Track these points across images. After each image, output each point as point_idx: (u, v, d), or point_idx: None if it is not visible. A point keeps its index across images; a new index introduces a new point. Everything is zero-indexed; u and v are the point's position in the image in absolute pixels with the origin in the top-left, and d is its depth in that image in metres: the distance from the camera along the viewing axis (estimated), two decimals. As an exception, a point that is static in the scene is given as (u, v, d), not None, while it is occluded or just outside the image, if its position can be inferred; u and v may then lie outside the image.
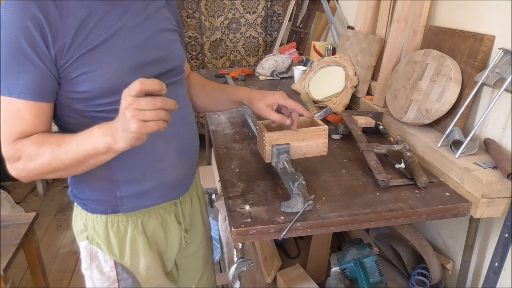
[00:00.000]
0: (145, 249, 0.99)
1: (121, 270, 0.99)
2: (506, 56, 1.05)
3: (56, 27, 0.76)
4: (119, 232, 0.97)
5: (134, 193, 0.95)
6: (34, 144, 0.78)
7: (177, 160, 0.98)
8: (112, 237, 0.97)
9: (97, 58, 0.81)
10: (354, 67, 1.75)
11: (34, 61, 0.76)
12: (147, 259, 1.00)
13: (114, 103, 0.82)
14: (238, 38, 3.49)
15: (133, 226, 0.97)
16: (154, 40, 0.90)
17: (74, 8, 0.79)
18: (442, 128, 1.23)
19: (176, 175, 0.99)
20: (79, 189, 0.97)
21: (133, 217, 0.97)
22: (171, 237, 1.05)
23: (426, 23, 1.41)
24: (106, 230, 0.96)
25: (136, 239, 0.98)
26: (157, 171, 0.95)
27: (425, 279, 1.29)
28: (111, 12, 0.83)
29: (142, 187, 0.95)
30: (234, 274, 1.04)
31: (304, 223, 0.94)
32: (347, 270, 1.31)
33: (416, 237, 1.32)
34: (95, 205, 0.95)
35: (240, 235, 0.92)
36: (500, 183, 0.98)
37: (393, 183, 1.08)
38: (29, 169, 0.79)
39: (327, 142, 1.07)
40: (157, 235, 1.02)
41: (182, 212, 1.06)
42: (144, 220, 0.99)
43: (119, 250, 0.98)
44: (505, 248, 1.02)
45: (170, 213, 1.03)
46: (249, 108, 1.61)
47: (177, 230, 1.05)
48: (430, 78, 1.23)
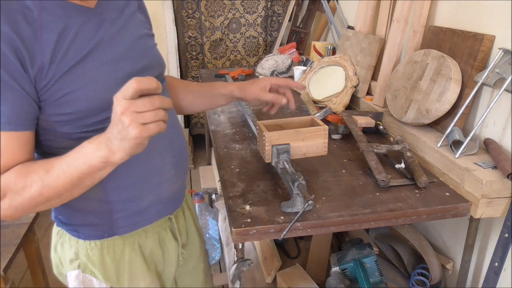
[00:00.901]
0: (143, 271, 0.94)
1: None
2: (506, 56, 1.05)
3: (32, 46, 0.68)
4: (116, 256, 0.91)
5: (130, 212, 0.89)
6: (18, 177, 0.69)
7: (174, 172, 0.94)
8: (109, 262, 0.90)
9: (82, 74, 0.74)
10: (354, 67, 1.75)
11: (12, 87, 0.67)
12: (146, 282, 0.95)
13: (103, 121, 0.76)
14: (238, 38, 3.49)
15: (130, 249, 0.92)
16: (136, 49, 0.85)
17: (47, 23, 0.71)
18: (442, 128, 1.23)
19: (172, 188, 0.95)
20: (68, 215, 0.89)
21: (130, 239, 0.91)
22: (169, 255, 1.00)
23: (426, 23, 1.41)
24: (101, 256, 0.89)
25: (134, 262, 0.93)
26: (154, 186, 0.90)
27: (425, 279, 1.29)
28: (88, 23, 0.76)
29: (139, 205, 0.89)
30: (234, 274, 1.04)
31: (304, 223, 0.94)
32: (347, 270, 1.31)
33: (416, 237, 1.32)
34: (89, 231, 0.88)
35: (240, 235, 0.92)
36: (500, 183, 0.98)
37: (393, 183, 1.08)
38: (16, 205, 0.70)
39: (327, 142, 1.06)
40: (155, 255, 0.97)
41: (178, 227, 1.02)
42: (141, 241, 0.93)
43: (116, 275, 0.91)
44: (505, 248, 1.02)
45: (166, 229, 0.98)
46: (249, 108, 1.62)
47: (174, 247, 1.01)
48: (430, 78, 1.23)
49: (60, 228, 0.92)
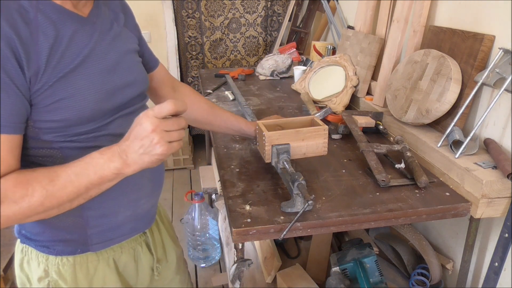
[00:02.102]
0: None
1: None
2: (506, 56, 1.05)
3: (29, 47, 0.67)
4: (89, 272, 0.87)
5: (105, 228, 0.86)
6: (18, 185, 0.66)
7: (150, 189, 0.92)
8: (81, 279, 0.86)
9: (74, 82, 0.73)
10: (354, 67, 1.75)
11: (9, 87, 0.65)
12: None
13: (89, 132, 0.77)
14: (238, 38, 3.49)
15: (105, 264, 0.89)
16: (123, 63, 0.84)
17: (43, 26, 0.70)
18: (442, 128, 1.23)
19: (148, 204, 0.94)
20: (36, 230, 0.84)
21: (104, 254, 0.88)
22: (142, 270, 0.98)
23: (426, 23, 1.41)
24: (74, 272, 0.86)
25: (108, 279, 0.90)
26: (131, 201, 0.88)
27: (425, 279, 1.29)
28: (81, 31, 0.76)
29: (115, 220, 0.87)
30: (234, 274, 1.04)
31: (304, 223, 0.94)
32: (347, 270, 1.31)
33: (416, 237, 1.32)
34: (61, 246, 0.85)
35: (240, 235, 0.92)
36: (500, 183, 0.98)
37: (393, 183, 1.08)
38: (9, 214, 0.66)
39: (327, 142, 1.06)
40: (128, 270, 0.95)
41: (153, 241, 1.00)
42: (116, 257, 0.91)
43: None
44: (505, 248, 1.02)
45: (142, 244, 0.96)
46: (249, 108, 1.62)
47: (148, 261, 0.98)
48: (430, 78, 1.23)
49: (25, 245, 0.88)
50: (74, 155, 0.74)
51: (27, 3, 0.69)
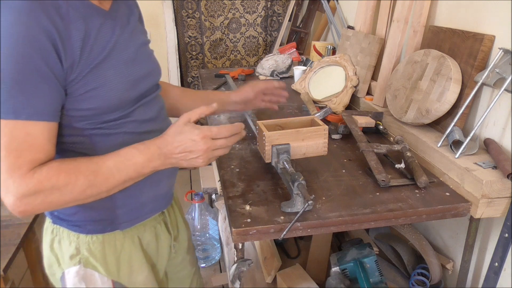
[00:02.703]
0: (141, 264, 0.97)
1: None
2: (506, 56, 1.05)
3: (65, 41, 0.71)
4: (117, 250, 0.93)
5: (131, 208, 0.93)
6: (61, 173, 0.72)
7: (170, 170, 0.97)
8: (110, 256, 0.92)
9: (103, 73, 0.78)
10: (354, 67, 1.75)
11: (48, 77, 0.69)
12: (144, 274, 0.98)
13: (117, 119, 0.84)
14: (238, 38, 3.49)
15: (130, 242, 0.95)
16: (142, 54, 0.91)
17: (74, 20, 0.73)
18: (442, 128, 1.23)
19: (167, 185, 1.01)
20: (70, 211, 0.89)
21: (130, 232, 0.95)
22: (162, 247, 1.04)
23: (426, 23, 1.41)
24: (103, 249, 0.91)
25: (133, 255, 0.96)
26: (154, 182, 0.94)
27: (425, 279, 1.29)
28: (105, 25, 0.80)
29: (139, 200, 0.94)
30: (234, 274, 1.04)
31: (304, 223, 0.94)
32: (347, 270, 1.31)
33: (416, 237, 1.32)
34: (92, 226, 0.91)
35: (240, 235, 0.92)
36: (500, 183, 0.98)
37: (393, 183, 1.08)
38: (53, 200, 0.72)
39: (327, 142, 1.06)
40: (151, 248, 1.01)
41: (170, 220, 1.07)
42: (140, 234, 0.97)
43: (117, 268, 0.94)
44: (505, 248, 1.02)
45: (161, 222, 1.03)
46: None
47: (167, 239, 1.06)
48: (430, 78, 1.23)
49: (56, 226, 0.92)
50: (101, 141, 0.82)
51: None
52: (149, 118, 0.92)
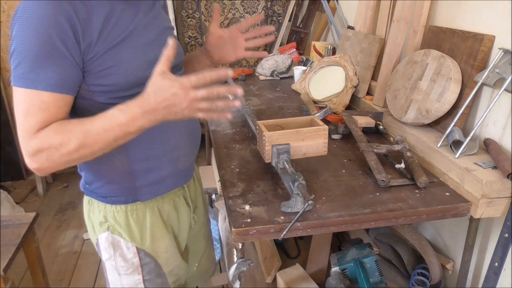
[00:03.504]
0: (163, 233, 1.05)
1: (143, 255, 1.04)
2: (506, 56, 1.05)
3: (85, 24, 0.80)
4: (139, 219, 1.02)
5: (151, 181, 1.00)
6: (57, 133, 0.78)
7: (189, 149, 1.06)
8: (133, 225, 1.02)
9: (120, 53, 0.85)
10: (354, 67, 1.75)
11: (64, 55, 0.78)
12: (165, 242, 1.06)
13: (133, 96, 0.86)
14: (238, 38, 3.49)
15: (151, 212, 1.03)
16: (162, 37, 0.93)
17: (96, 6, 0.82)
18: (442, 128, 1.23)
19: (187, 162, 1.07)
20: (97, 184, 1.00)
21: (150, 204, 1.03)
22: (183, 219, 1.12)
23: (426, 23, 1.41)
24: (126, 218, 1.01)
25: (155, 224, 1.04)
26: (172, 160, 1.01)
27: (425, 279, 1.29)
28: (126, 11, 0.87)
29: (158, 175, 1.00)
30: (234, 274, 1.04)
31: (304, 223, 0.94)
32: (347, 270, 1.31)
33: (416, 237, 1.32)
34: (116, 197, 1.00)
35: (240, 235, 0.92)
36: (500, 183, 0.98)
37: (393, 183, 1.08)
38: (53, 159, 0.79)
39: (327, 142, 1.06)
40: (172, 219, 1.08)
41: (190, 195, 1.13)
42: (159, 206, 1.04)
43: (140, 236, 1.03)
44: (505, 248, 1.02)
45: (180, 196, 1.10)
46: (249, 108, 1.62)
47: (187, 212, 1.12)
48: (430, 78, 1.23)
49: (89, 197, 1.04)
50: None
51: None
52: None
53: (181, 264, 1.14)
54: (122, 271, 1.05)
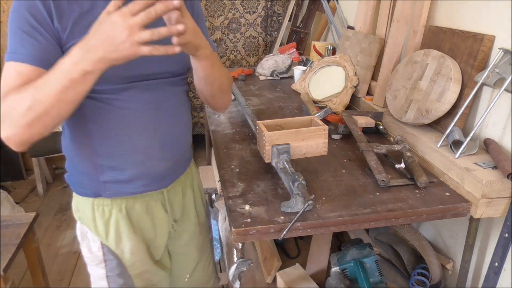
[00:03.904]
0: (129, 233, 1.01)
1: (107, 251, 1.01)
2: (506, 56, 1.05)
3: (63, 10, 0.82)
4: (104, 215, 0.99)
5: (116, 179, 0.97)
6: (16, 93, 0.77)
7: (160, 155, 0.99)
8: (98, 219, 0.99)
9: None
10: (354, 67, 1.75)
11: (40, 31, 0.80)
12: (131, 243, 1.02)
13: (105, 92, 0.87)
14: (238, 38, 3.49)
15: (117, 211, 0.99)
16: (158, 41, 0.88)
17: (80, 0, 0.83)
18: (442, 128, 1.23)
19: (158, 167, 1.00)
20: (71, 172, 1.01)
21: (118, 201, 0.99)
22: (159, 225, 1.06)
23: (426, 23, 1.41)
24: (92, 212, 0.99)
25: (120, 224, 1.00)
26: (138, 162, 0.96)
27: (425, 279, 1.29)
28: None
29: (123, 175, 0.96)
30: (234, 274, 1.04)
31: (304, 223, 0.94)
32: (347, 270, 1.31)
33: (416, 237, 1.32)
34: (82, 188, 0.99)
35: (240, 235, 0.92)
36: (500, 183, 0.98)
37: (393, 183, 1.08)
38: (14, 121, 0.76)
39: (327, 142, 1.07)
40: (143, 222, 1.03)
41: (170, 202, 1.07)
42: (128, 205, 1.00)
43: (105, 232, 1.00)
44: (505, 248, 1.02)
45: (157, 201, 1.04)
46: (249, 108, 1.62)
47: (164, 218, 1.06)
48: (430, 78, 1.23)
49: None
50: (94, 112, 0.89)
51: None
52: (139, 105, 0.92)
53: (154, 270, 1.08)
54: (89, 261, 1.05)
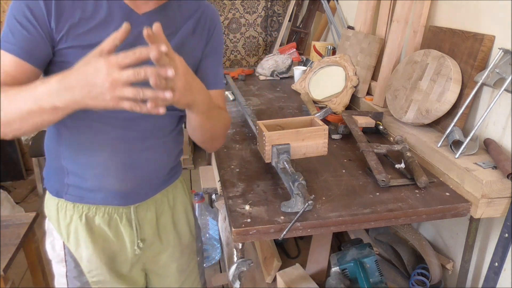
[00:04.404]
0: (87, 242, 0.98)
1: (67, 252, 1.00)
2: (506, 56, 1.05)
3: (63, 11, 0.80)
4: (66, 218, 0.98)
5: (78, 185, 0.95)
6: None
7: (121, 175, 0.94)
8: (61, 220, 0.98)
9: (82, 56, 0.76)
10: (354, 67, 1.75)
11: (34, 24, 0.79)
12: (88, 252, 0.99)
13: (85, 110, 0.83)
14: (238, 38, 3.49)
15: (77, 217, 0.97)
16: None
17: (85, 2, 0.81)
18: (442, 128, 1.23)
19: (119, 186, 0.95)
20: (46, 166, 1.00)
21: (79, 208, 0.97)
22: (123, 241, 1.01)
23: (426, 23, 1.41)
24: (56, 212, 0.98)
25: (79, 230, 0.98)
26: (97, 176, 0.93)
27: (425, 279, 1.29)
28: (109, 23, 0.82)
29: (85, 183, 0.94)
30: (234, 274, 1.04)
31: (304, 223, 0.94)
32: (347, 270, 1.31)
33: (416, 237, 1.32)
34: (49, 185, 0.99)
35: (240, 235, 0.92)
36: (500, 183, 0.98)
37: (393, 183, 1.08)
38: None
39: (327, 142, 1.07)
40: (104, 233, 0.99)
41: (139, 220, 1.01)
42: (89, 215, 0.97)
43: (66, 234, 0.99)
44: (505, 248, 1.02)
45: (122, 216, 0.99)
46: (249, 108, 1.62)
47: (129, 235, 1.01)
48: (430, 78, 1.23)
49: None
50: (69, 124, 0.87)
51: None
52: (110, 123, 0.89)
53: (116, 283, 1.03)
54: (52, 258, 1.03)
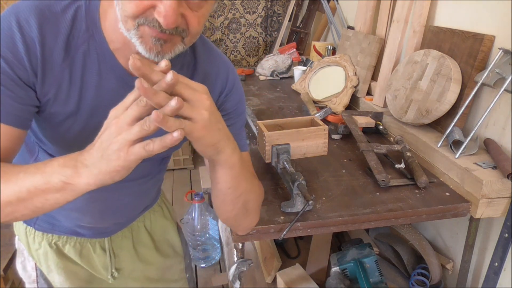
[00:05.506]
0: (58, 269, 0.95)
1: (40, 274, 0.97)
2: (506, 56, 1.05)
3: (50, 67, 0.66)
4: (35, 244, 0.94)
5: (48, 216, 0.89)
6: None
7: (98, 216, 0.90)
8: (31, 244, 0.94)
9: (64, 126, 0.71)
10: (354, 67, 1.75)
11: (19, 85, 0.64)
12: (60, 278, 0.96)
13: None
14: (238, 38, 3.49)
15: (47, 244, 0.93)
16: None
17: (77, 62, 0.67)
18: (442, 128, 1.23)
19: (95, 225, 0.93)
20: None
21: (48, 236, 0.93)
22: (97, 268, 0.99)
23: (426, 23, 1.41)
24: (25, 236, 0.95)
25: (49, 257, 0.94)
26: (72, 218, 0.90)
27: (425, 279, 1.29)
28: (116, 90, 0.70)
29: (57, 221, 0.91)
30: (234, 274, 1.04)
31: (304, 223, 0.94)
32: (347, 270, 1.31)
33: (416, 237, 1.32)
34: None
35: (240, 235, 0.92)
36: (500, 183, 0.98)
37: (393, 183, 1.08)
38: None
39: (327, 142, 1.07)
40: (77, 261, 0.97)
41: (113, 249, 0.99)
42: (60, 243, 0.94)
43: (37, 257, 0.95)
44: (505, 248, 1.02)
45: (95, 245, 0.96)
46: (249, 108, 1.62)
47: (103, 263, 0.98)
48: (430, 78, 1.23)
49: None
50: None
51: (82, 29, 0.66)
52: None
53: None
54: (24, 278, 0.99)
